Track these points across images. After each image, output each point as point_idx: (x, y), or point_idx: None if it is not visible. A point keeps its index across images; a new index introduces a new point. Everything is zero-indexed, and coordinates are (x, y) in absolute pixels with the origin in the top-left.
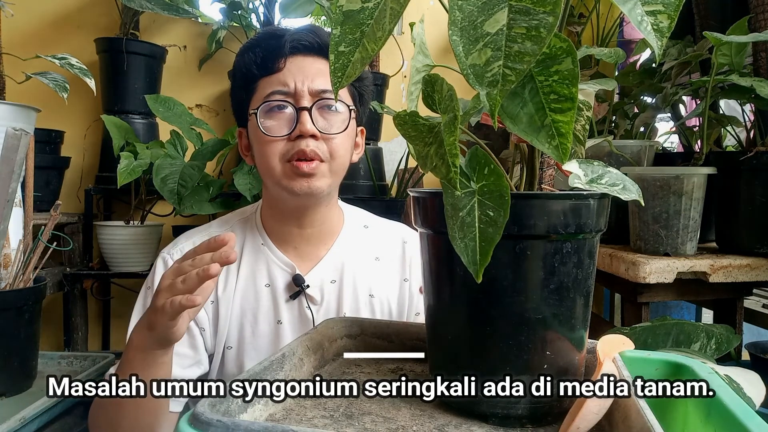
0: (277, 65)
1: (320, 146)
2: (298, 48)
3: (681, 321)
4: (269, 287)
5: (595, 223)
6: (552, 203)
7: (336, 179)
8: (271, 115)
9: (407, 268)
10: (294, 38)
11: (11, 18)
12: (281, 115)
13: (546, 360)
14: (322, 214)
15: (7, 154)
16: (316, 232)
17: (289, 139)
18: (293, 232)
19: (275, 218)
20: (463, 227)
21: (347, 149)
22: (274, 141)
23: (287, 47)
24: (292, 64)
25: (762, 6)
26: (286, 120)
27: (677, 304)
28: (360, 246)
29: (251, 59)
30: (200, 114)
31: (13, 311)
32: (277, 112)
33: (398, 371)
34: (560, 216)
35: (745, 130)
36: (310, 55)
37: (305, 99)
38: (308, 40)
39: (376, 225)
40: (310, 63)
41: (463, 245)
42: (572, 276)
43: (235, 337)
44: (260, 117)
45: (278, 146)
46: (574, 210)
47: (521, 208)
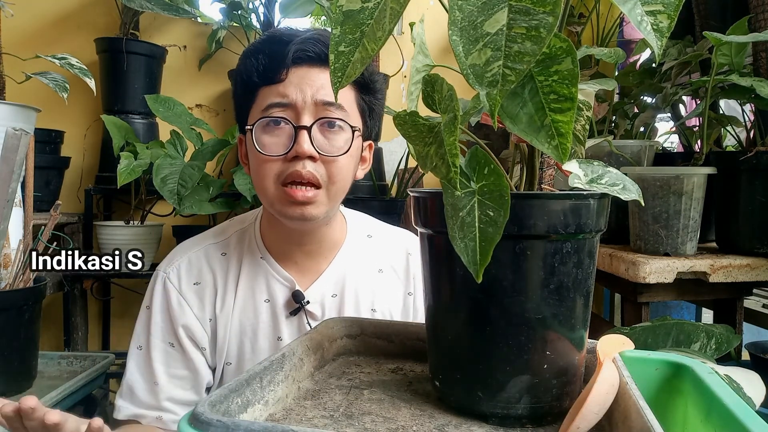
0: (278, 75)
1: (318, 168)
2: (303, 58)
3: (681, 321)
4: (269, 302)
5: (595, 223)
6: (552, 203)
7: (334, 204)
8: (269, 131)
9: (411, 281)
10: (299, 47)
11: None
12: (279, 132)
13: (546, 360)
14: (323, 232)
15: (7, 154)
16: (316, 248)
17: (286, 159)
18: (293, 248)
19: (274, 233)
20: (463, 227)
21: (349, 171)
22: (270, 161)
23: (290, 57)
24: (294, 74)
25: (762, 6)
26: (283, 138)
27: (677, 304)
28: (363, 258)
29: (252, 66)
30: (200, 114)
31: (13, 311)
32: (275, 128)
33: (398, 371)
34: (560, 216)
35: (745, 130)
36: (316, 65)
37: (306, 113)
38: (314, 51)
39: (380, 235)
40: (316, 74)
41: (463, 245)
42: (572, 276)
43: (235, 354)
44: (256, 133)
45: (273, 167)
46: (574, 210)
47: (521, 208)
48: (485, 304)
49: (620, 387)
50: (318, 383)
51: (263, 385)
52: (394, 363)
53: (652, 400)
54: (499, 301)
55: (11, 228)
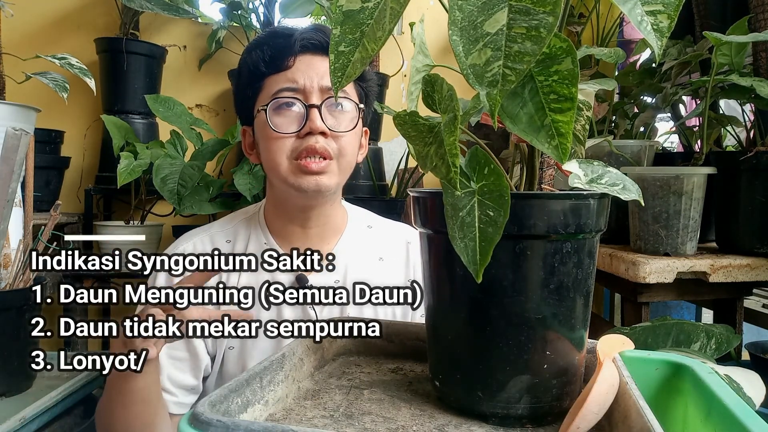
0: (286, 63)
1: (329, 143)
2: (308, 47)
3: (681, 321)
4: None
5: (594, 223)
6: (552, 203)
7: (343, 177)
8: (280, 112)
9: (411, 269)
10: (304, 36)
11: (11, 18)
12: (290, 113)
13: (546, 360)
14: (326, 212)
15: (7, 154)
16: (319, 231)
17: (298, 137)
18: (296, 232)
19: (279, 217)
20: (463, 227)
21: (355, 147)
22: (283, 138)
23: (297, 45)
24: (300, 62)
25: (762, 6)
26: (295, 117)
27: (677, 304)
28: (363, 246)
29: (259, 56)
30: (200, 114)
31: (13, 311)
32: (286, 109)
33: (398, 371)
34: (560, 216)
35: (745, 130)
36: (319, 53)
37: (314, 96)
38: (317, 39)
39: (379, 225)
40: (320, 61)
41: (463, 245)
42: (572, 276)
43: (237, 339)
44: (270, 114)
45: (287, 143)
46: (574, 210)
47: (521, 208)
48: (485, 304)
49: (620, 387)
50: (318, 383)
51: (263, 385)
52: (394, 363)
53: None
54: (498, 301)
55: (11, 228)
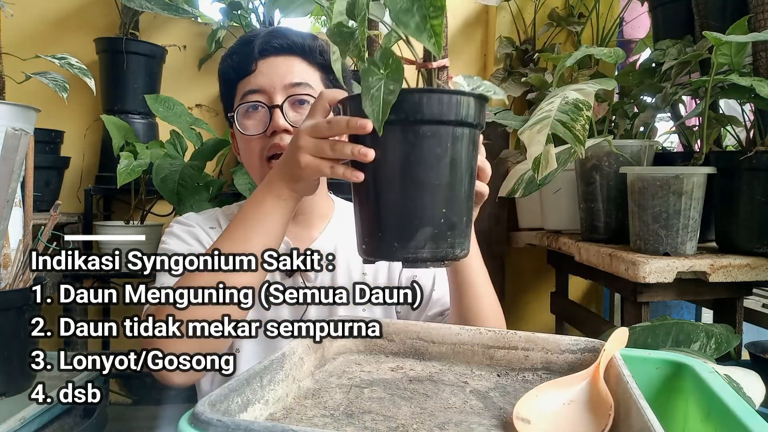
0: (249, 68)
1: None
2: (267, 50)
3: (681, 321)
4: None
5: (475, 117)
6: (445, 97)
7: None
8: (248, 115)
9: None
10: (262, 41)
11: (11, 18)
12: (256, 114)
13: (443, 215)
14: (311, 200)
15: (7, 154)
16: (307, 217)
17: (266, 136)
18: None
19: None
20: (372, 99)
21: None
22: (252, 139)
23: (256, 50)
24: (263, 65)
25: (762, 6)
26: (260, 118)
27: (677, 303)
28: (351, 229)
29: (229, 65)
30: (200, 114)
31: (13, 311)
32: (253, 111)
33: (398, 369)
34: (452, 107)
35: (745, 129)
36: (280, 55)
37: (278, 96)
38: (277, 43)
39: None
40: (281, 61)
41: (371, 110)
42: (460, 154)
43: None
44: (238, 118)
45: (257, 144)
46: (459, 103)
47: (423, 100)
48: (398, 175)
49: (621, 386)
50: (318, 382)
51: (263, 385)
52: (394, 361)
53: (653, 399)
54: (409, 172)
55: (11, 228)
